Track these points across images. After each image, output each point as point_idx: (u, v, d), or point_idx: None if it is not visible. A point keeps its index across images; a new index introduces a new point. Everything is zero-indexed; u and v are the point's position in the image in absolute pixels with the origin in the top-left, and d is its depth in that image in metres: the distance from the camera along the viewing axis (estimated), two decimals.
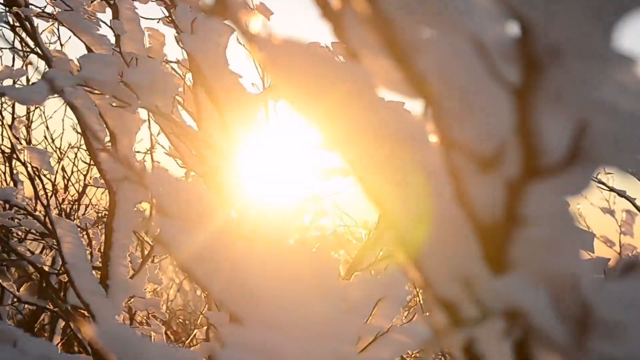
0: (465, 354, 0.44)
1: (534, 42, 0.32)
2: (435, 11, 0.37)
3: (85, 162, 4.17)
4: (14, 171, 3.74)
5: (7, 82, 2.70)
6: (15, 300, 3.59)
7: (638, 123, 0.35)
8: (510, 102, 0.35)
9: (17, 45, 2.72)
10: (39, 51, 2.34)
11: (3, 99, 3.98)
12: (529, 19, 0.32)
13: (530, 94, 0.34)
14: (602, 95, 0.34)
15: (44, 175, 3.51)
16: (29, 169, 2.92)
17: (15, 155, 3.54)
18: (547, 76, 0.33)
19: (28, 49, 2.54)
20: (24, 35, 2.55)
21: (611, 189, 2.44)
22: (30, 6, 2.45)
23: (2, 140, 4.00)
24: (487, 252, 0.42)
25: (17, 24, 2.48)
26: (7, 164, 3.76)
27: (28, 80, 3.94)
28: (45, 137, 4.36)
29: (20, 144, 3.76)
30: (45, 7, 2.40)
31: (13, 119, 4.02)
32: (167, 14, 2.10)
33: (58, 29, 3.23)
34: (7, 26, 2.55)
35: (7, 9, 2.37)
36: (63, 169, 4.29)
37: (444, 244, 0.44)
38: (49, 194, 3.50)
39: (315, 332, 0.65)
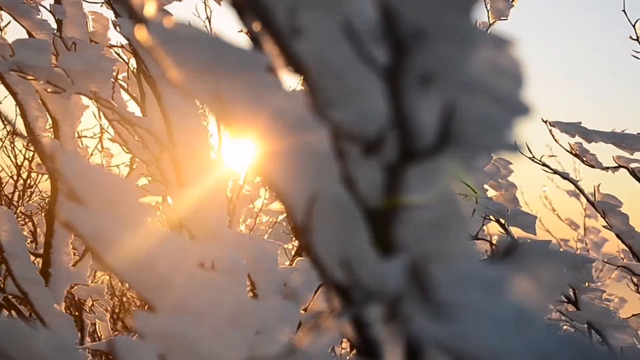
0: (357, 336, 0.45)
1: (398, 25, 0.32)
2: None
3: (30, 150, 4.10)
4: None
5: None
6: None
7: (508, 103, 0.36)
8: (383, 85, 0.35)
9: None
10: None
11: None
12: (390, 2, 0.32)
13: (400, 76, 0.34)
14: (471, 76, 0.34)
15: None
16: None
17: None
18: (414, 58, 0.34)
19: None
20: None
21: (555, 172, 2.47)
22: None
23: None
24: (375, 235, 0.42)
25: None
26: None
27: None
28: None
29: None
30: None
31: None
32: None
33: None
34: None
35: None
36: (15, 157, 4.23)
37: (333, 227, 0.44)
38: None
39: (231, 318, 0.65)
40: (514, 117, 0.36)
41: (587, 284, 2.09)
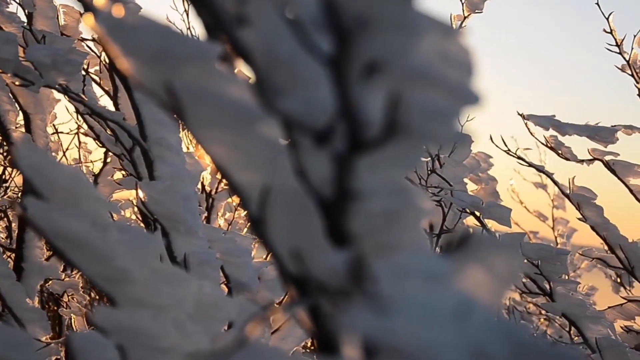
0: (315, 328, 0.44)
1: (340, 13, 0.32)
2: None
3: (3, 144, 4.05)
4: None
5: None
6: None
7: (457, 92, 0.35)
8: (328, 74, 0.35)
9: None
10: None
11: None
12: None
13: (344, 65, 0.34)
14: (418, 65, 0.34)
15: None
16: None
17: None
18: (358, 47, 0.33)
19: None
20: None
21: (530, 164, 2.48)
22: None
23: None
24: (328, 226, 0.42)
25: None
26: None
27: None
28: None
29: None
30: None
31: None
32: None
33: None
34: None
35: None
36: None
37: (287, 218, 0.43)
38: None
39: (193, 312, 0.64)
40: (462, 107, 0.36)
41: (561, 276, 2.10)
